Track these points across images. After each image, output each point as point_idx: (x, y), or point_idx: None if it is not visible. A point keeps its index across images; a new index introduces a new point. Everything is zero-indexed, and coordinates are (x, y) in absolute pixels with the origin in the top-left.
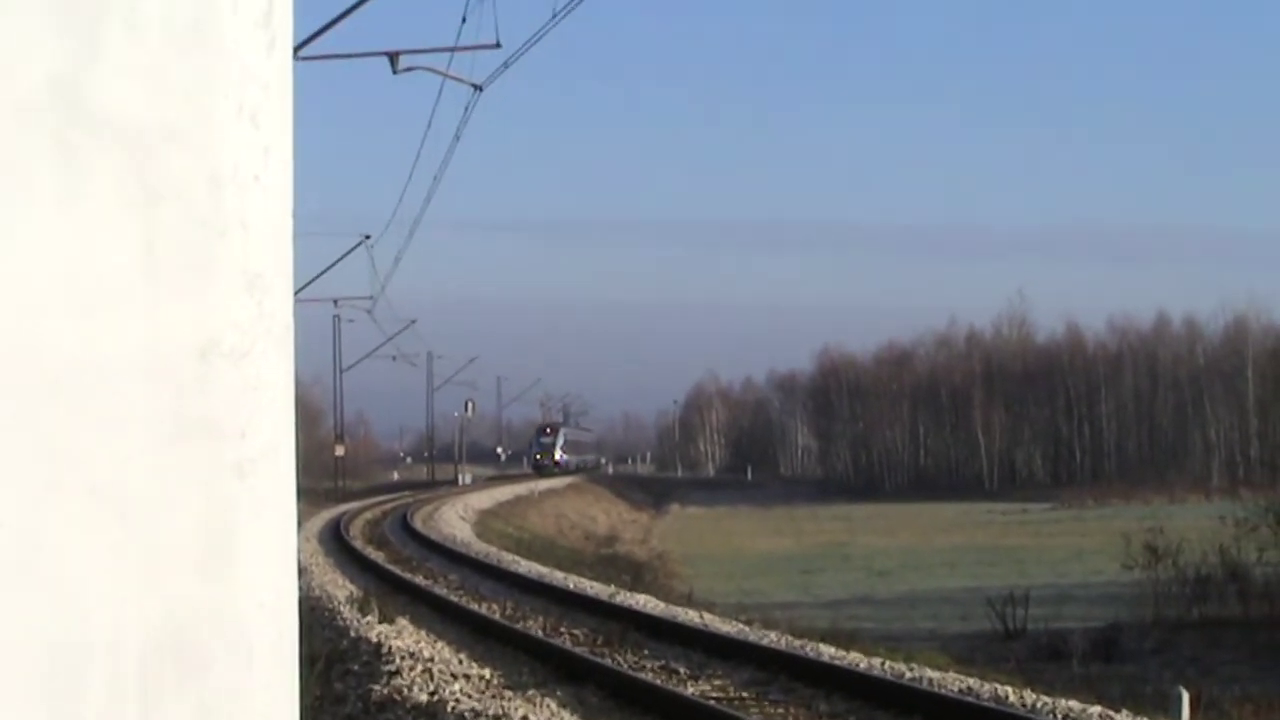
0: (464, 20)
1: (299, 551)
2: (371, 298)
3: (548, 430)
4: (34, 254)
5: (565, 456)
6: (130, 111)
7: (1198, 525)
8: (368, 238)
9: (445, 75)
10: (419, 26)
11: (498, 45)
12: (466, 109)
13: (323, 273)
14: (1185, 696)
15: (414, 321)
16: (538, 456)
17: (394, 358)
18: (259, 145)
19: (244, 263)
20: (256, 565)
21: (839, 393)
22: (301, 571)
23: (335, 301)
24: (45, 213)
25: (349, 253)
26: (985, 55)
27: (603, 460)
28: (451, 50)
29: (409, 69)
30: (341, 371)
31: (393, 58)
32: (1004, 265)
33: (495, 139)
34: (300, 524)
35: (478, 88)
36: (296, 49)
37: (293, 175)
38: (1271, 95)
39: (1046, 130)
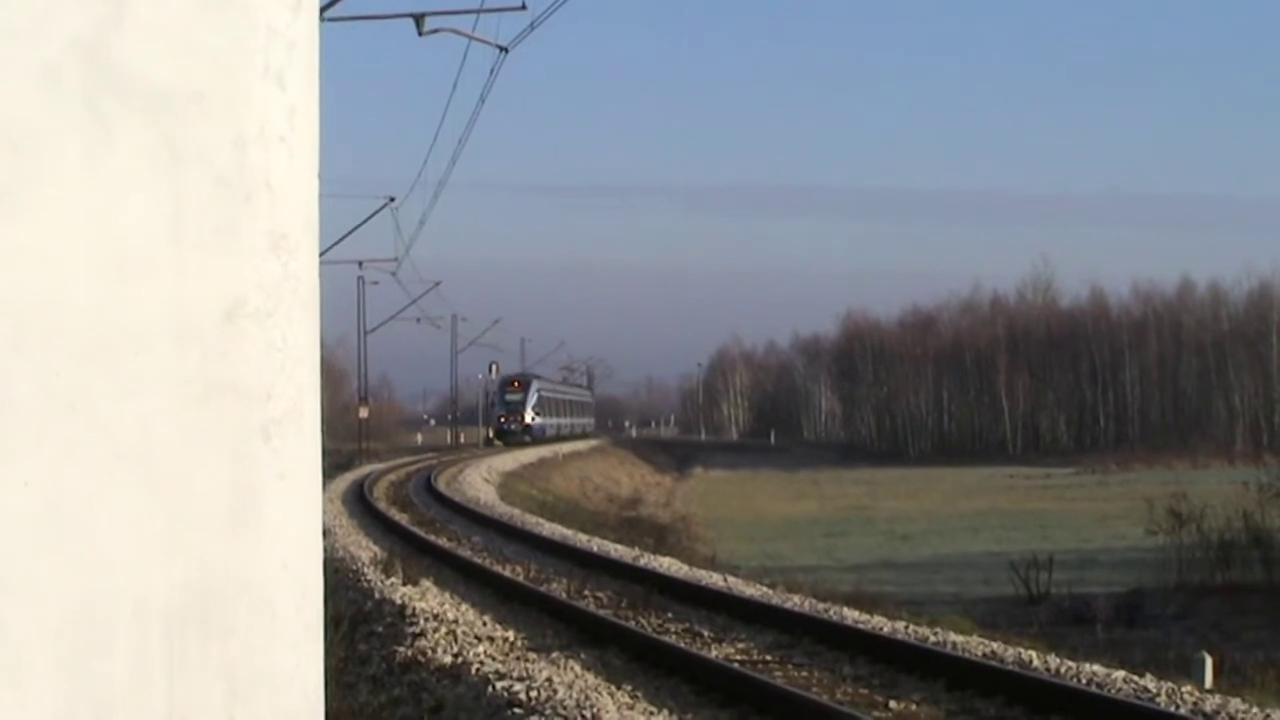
0: None
1: (322, 513)
2: (396, 260)
3: (514, 384)
4: (61, 216)
5: (539, 420)
6: (156, 74)
7: (1221, 491)
8: (392, 200)
9: (471, 37)
10: None
11: (523, 7)
12: (492, 71)
13: (347, 235)
14: (1208, 661)
15: (438, 283)
16: (500, 420)
17: (418, 320)
18: (285, 106)
19: (270, 224)
20: (281, 526)
21: (863, 357)
22: (325, 533)
23: (359, 263)
24: (72, 175)
25: (373, 215)
26: (1011, 22)
27: (617, 424)
28: (477, 12)
29: (435, 30)
30: (365, 334)
31: (418, 19)
32: (1029, 230)
33: (521, 101)
34: (323, 485)
35: (503, 49)
36: (322, 10)
37: (319, 137)
38: None
39: (1071, 94)
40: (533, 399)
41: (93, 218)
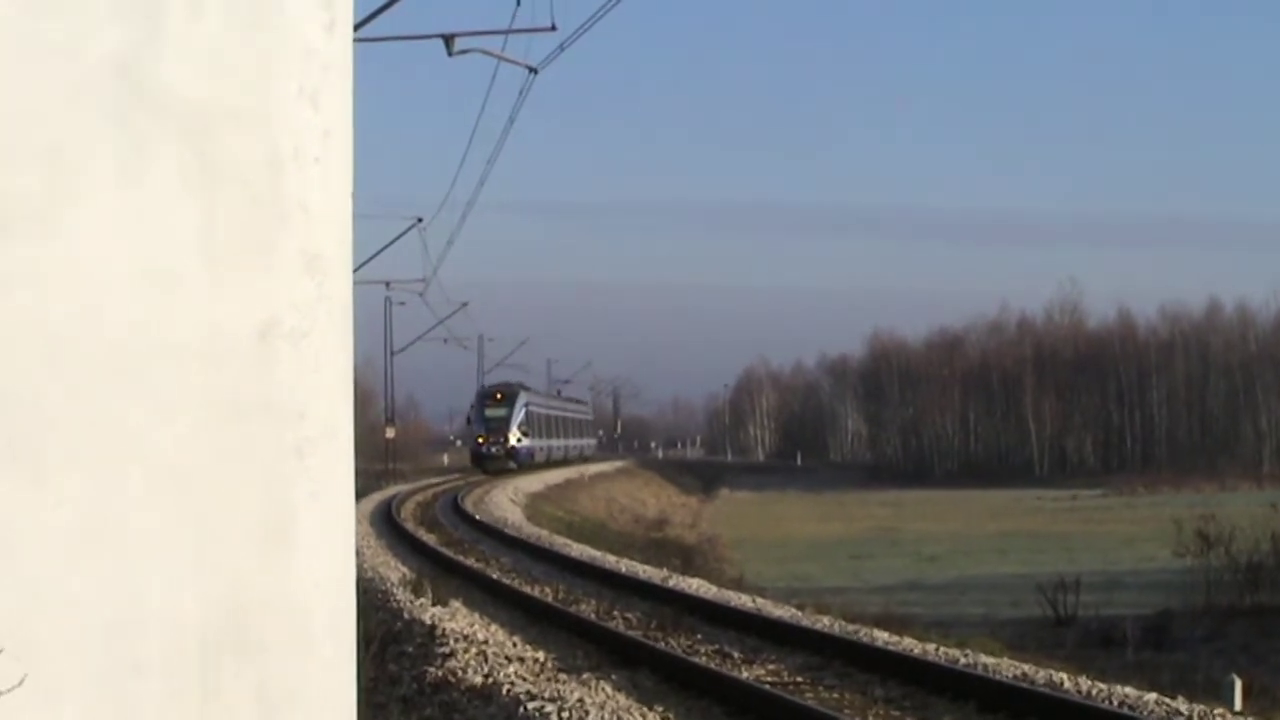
0: (519, 3)
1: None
2: (424, 280)
3: (496, 397)
4: (97, 234)
5: (527, 442)
6: (192, 92)
7: (1249, 512)
8: (420, 220)
9: (500, 58)
10: (474, 8)
11: (553, 28)
12: (521, 92)
13: (375, 255)
14: (1238, 684)
15: (465, 304)
16: (479, 441)
17: (445, 340)
18: (319, 127)
19: (304, 244)
20: (315, 546)
21: (889, 377)
22: (355, 553)
23: (387, 284)
24: (107, 193)
25: (401, 235)
26: (1041, 40)
27: (643, 445)
28: (507, 32)
29: (464, 51)
30: (392, 354)
31: (448, 40)
32: (1056, 251)
33: (550, 121)
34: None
35: (533, 70)
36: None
37: (353, 158)
38: None
39: (1099, 115)
40: (519, 415)
41: (127, 236)
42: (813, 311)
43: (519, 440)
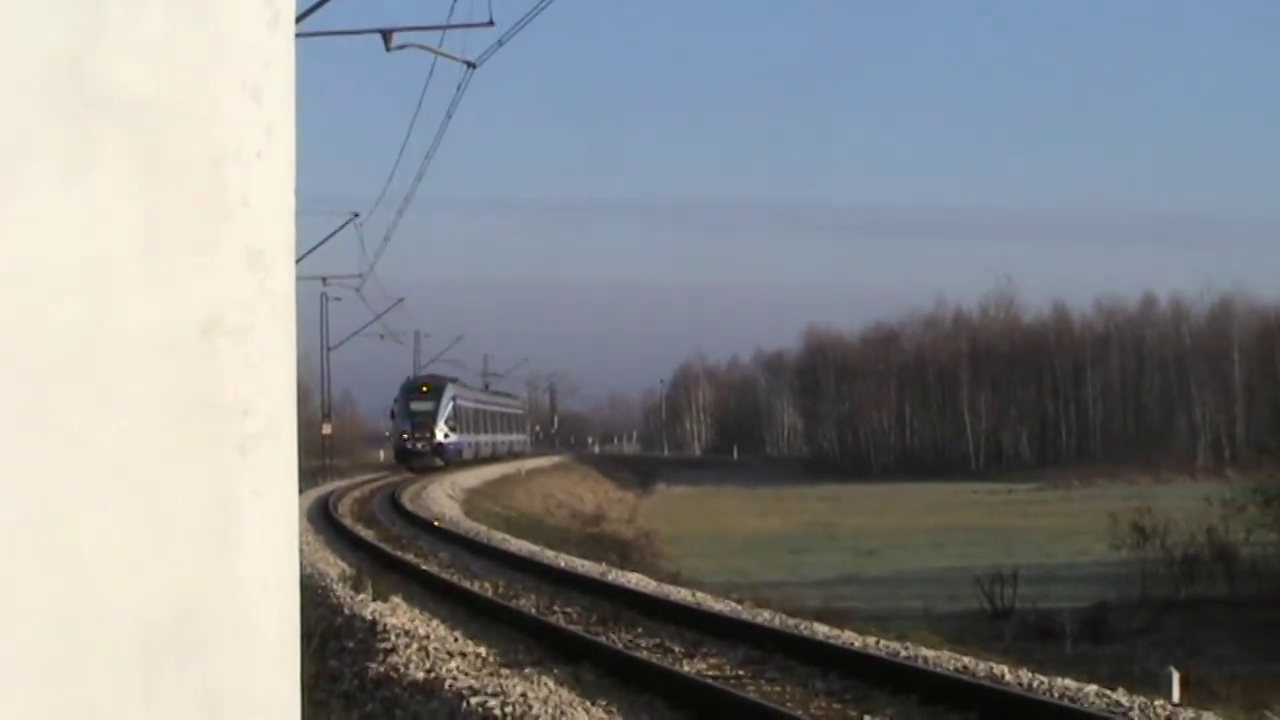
0: None
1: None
2: (360, 276)
3: (422, 389)
4: (39, 231)
5: (455, 438)
6: (134, 89)
7: (1184, 506)
8: (356, 216)
9: (438, 53)
10: (412, 4)
11: (491, 23)
12: (459, 87)
13: (311, 250)
14: (1176, 676)
15: (402, 300)
16: (403, 437)
17: (381, 336)
18: (262, 122)
19: (247, 240)
20: (259, 543)
21: (826, 372)
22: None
23: (323, 280)
24: (50, 190)
25: (338, 231)
26: (973, 39)
27: (580, 440)
28: (445, 28)
29: (402, 46)
30: (329, 350)
31: (386, 35)
32: (992, 246)
33: (487, 117)
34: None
35: (471, 65)
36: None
37: (295, 152)
38: (1258, 83)
39: (1034, 113)
40: (446, 409)
41: (70, 234)
42: (749, 307)
43: (446, 436)
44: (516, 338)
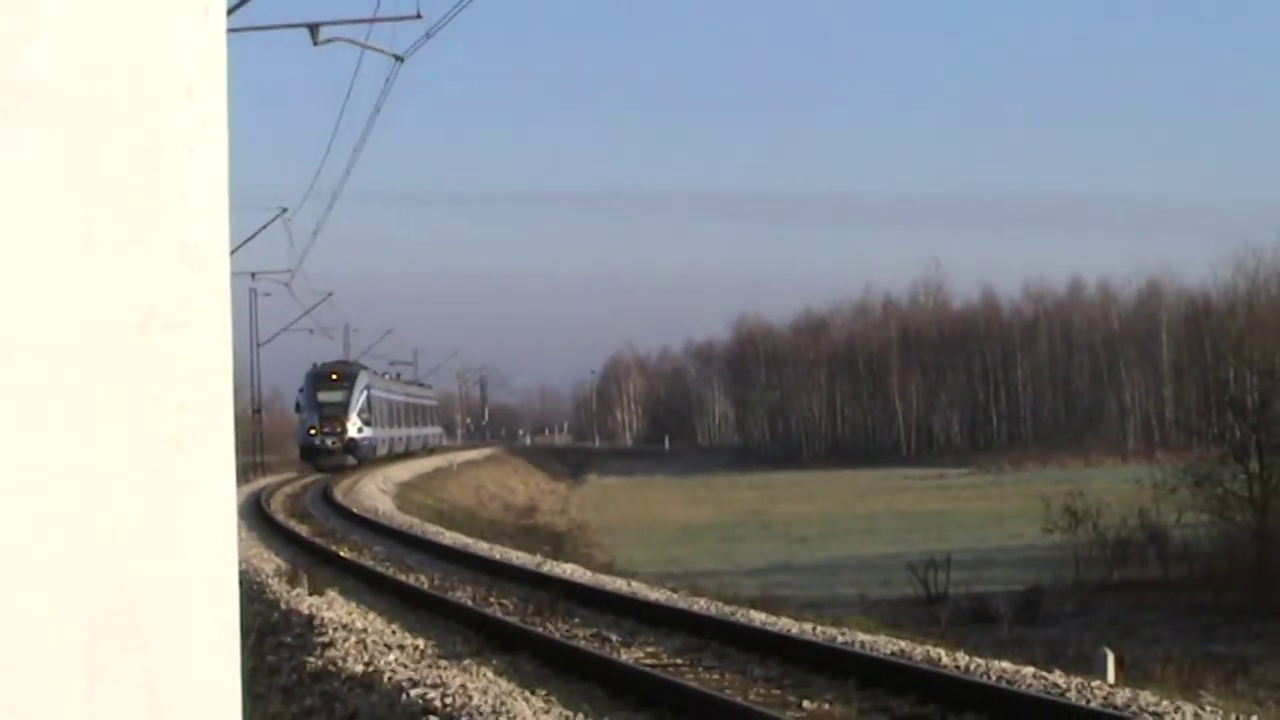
0: None
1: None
2: (289, 271)
3: (332, 377)
4: None
5: (370, 432)
6: (69, 83)
7: (1115, 489)
8: (285, 210)
9: (365, 46)
10: None
11: (418, 16)
12: (387, 80)
13: (241, 245)
14: (1110, 657)
15: (331, 294)
16: (310, 431)
17: (311, 331)
18: (195, 117)
19: (181, 234)
20: (197, 537)
21: (756, 361)
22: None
23: (252, 275)
24: None
25: (266, 226)
26: (899, 25)
27: (511, 432)
28: (372, 21)
29: (329, 40)
30: (258, 345)
31: (313, 29)
32: (920, 233)
33: (416, 110)
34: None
35: (399, 59)
36: None
37: (228, 148)
38: (1183, 67)
39: (959, 98)
40: (359, 400)
41: (5, 227)
42: (679, 298)
43: (360, 430)
44: (447, 331)
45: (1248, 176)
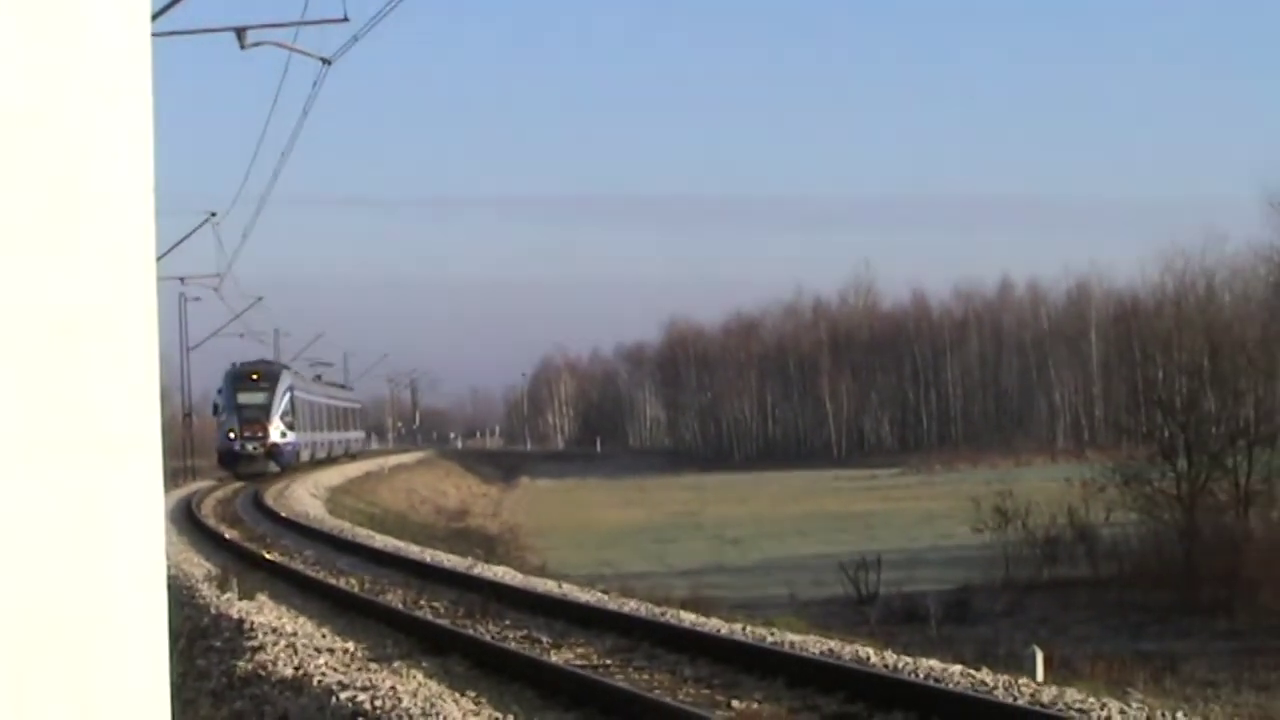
0: None
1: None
2: (218, 275)
3: (253, 377)
4: None
5: (293, 437)
6: None
7: (1045, 488)
8: (213, 215)
9: (293, 50)
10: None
11: (345, 19)
12: (315, 84)
13: (169, 250)
14: (1039, 655)
15: (261, 298)
16: (229, 435)
17: (241, 336)
18: (120, 122)
19: (106, 241)
20: (126, 543)
21: (687, 363)
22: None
23: (181, 280)
24: None
25: (195, 230)
26: (825, 26)
27: (442, 436)
28: (299, 24)
29: (257, 44)
30: (188, 350)
31: (240, 33)
32: (850, 235)
33: (344, 114)
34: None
35: (326, 61)
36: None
37: (154, 152)
38: (1109, 67)
39: (887, 100)
40: (282, 401)
41: None
42: (610, 300)
43: (283, 435)
44: (377, 334)
45: (1176, 177)
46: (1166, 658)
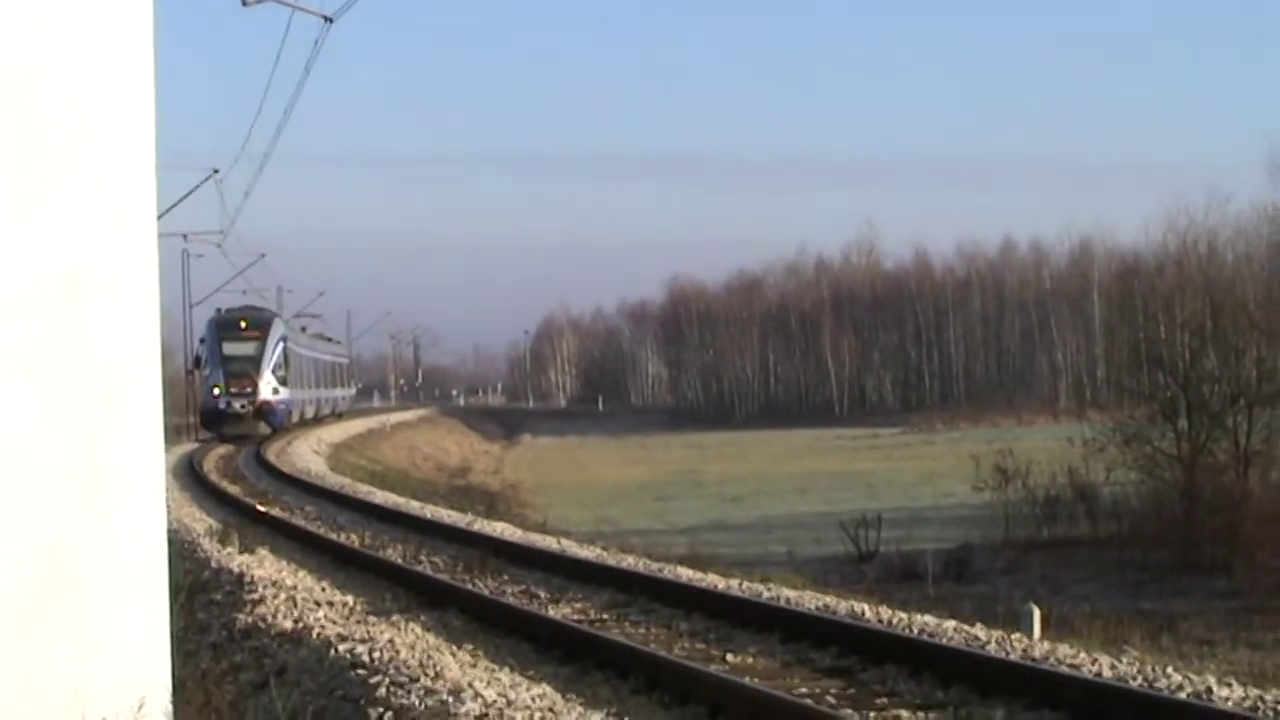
0: None
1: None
2: (221, 233)
3: (241, 326)
4: None
5: (286, 393)
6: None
7: (1046, 447)
8: (216, 172)
9: (295, 7)
10: None
11: None
12: (317, 41)
13: (171, 207)
14: (1036, 613)
15: (263, 255)
16: (214, 391)
17: (244, 292)
18: (122, 80)
19: (109, 197)
20: (128, 495)
21: (689, 321)
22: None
23: (184, 236)
24: None
25: (197, 187)
26: None
27: (444, 393)
28: None
29: (259, 1)
30: (191, 307)
31: None
32: (852, 194)
33: (347, 71)
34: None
35: (328, 19)
36: None
37: (155, 109)
38: (1114, 24)
39: (893, 56)
40: (274, 353)
41: None
42: (613, 258)
43: (275, 391)
44: (380, 291)
45: (1180, 135)
46: (1165, 616)
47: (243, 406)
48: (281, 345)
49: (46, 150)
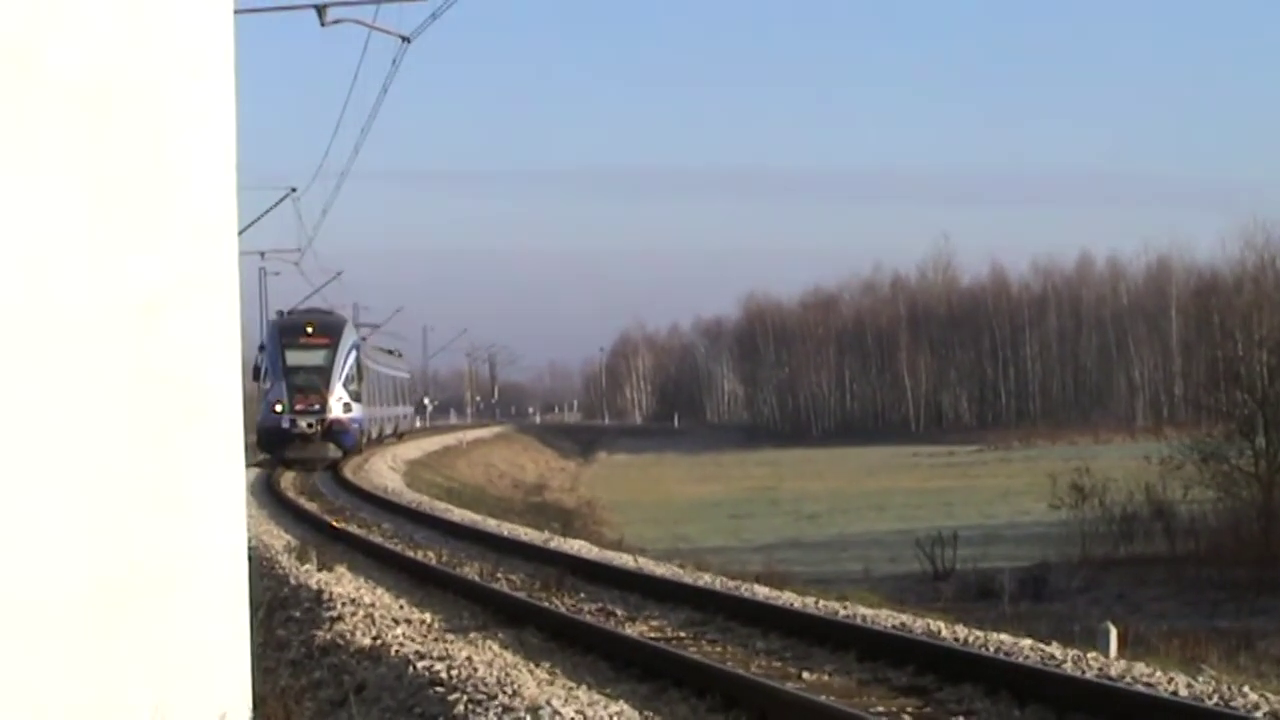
0: None
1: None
2: (299, 250)
3: (308, 331)
4: None
5: (357, 411)
6: (80, 72)
7: (1123, 465)
8: (294, 190)
9: (373, 27)
10: None
11: None
12: (394, 61)
13: (250, 225)
14: (1113, 632)
15: (340, 273)
16: (276, 408)
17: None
18: (203, 99)
19: (190, 215)
20: (206, 510)
21: (765, 338)
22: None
23: (262, 254)
24: None
25: (275, 205)
26: (908, 11)
27: (520, 410)
28: (379, 2)
29: (337, 21)
30: (269, 324)
31: (320, 10)
32: (929, 209)
33: (424, 89)
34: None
35: (406, 39)
36: None
37: (235, 128)
38: (1190, 42)
39: (971, 73)
40: (345, 363)
41: (18, 212)
42: (688, 274)
43: (347, 409)
44: (457, 309)
45: (1257, 152)
46: (1242, 635)
47: (309, 426)
48: (354, 354)
49: (129, 169)
